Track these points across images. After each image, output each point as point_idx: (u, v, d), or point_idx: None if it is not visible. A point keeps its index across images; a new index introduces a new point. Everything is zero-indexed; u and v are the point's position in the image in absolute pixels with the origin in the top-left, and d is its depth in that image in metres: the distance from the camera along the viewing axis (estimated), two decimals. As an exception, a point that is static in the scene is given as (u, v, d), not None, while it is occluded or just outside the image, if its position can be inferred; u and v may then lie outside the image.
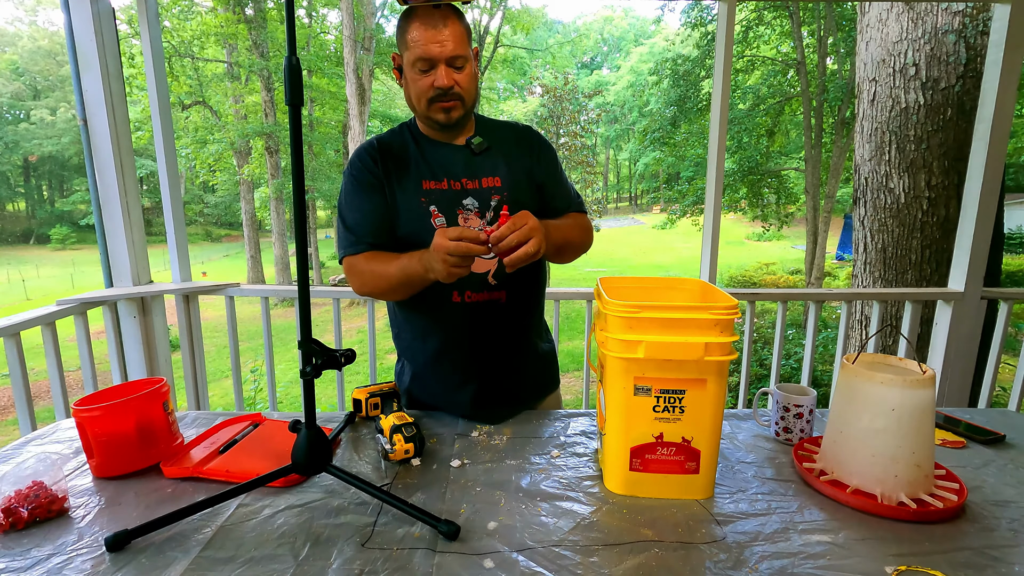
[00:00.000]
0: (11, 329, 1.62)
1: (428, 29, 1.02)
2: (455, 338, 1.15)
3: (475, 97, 1.12)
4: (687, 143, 12.86)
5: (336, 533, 0.77)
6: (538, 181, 1.18)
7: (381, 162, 1.12)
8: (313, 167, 15.39)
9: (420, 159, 1.13)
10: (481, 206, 1.11)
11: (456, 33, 1.03)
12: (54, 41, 28.18)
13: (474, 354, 1.16)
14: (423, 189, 1.11)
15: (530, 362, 1.25)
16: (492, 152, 1.15)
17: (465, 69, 1.06)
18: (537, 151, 1.20)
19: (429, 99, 1.06)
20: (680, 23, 12.19)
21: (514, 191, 1.13)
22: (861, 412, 0.85)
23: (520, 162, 1.17)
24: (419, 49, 1.02)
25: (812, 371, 2.25)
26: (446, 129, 1.12)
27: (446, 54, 1.03)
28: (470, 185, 1.12)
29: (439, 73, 1.03)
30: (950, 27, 2.60)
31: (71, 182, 30.11)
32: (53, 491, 0.82)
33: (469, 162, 1.14)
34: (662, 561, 0.71)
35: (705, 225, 2.18)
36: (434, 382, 1.20)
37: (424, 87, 1.05)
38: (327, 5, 15.71)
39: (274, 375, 2.27)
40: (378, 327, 2.26)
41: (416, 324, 1.19)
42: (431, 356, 1.18)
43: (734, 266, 14.72)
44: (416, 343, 1.20)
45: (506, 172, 1.14)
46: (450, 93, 1.05)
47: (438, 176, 1.12)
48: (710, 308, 0.81)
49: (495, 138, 1.17)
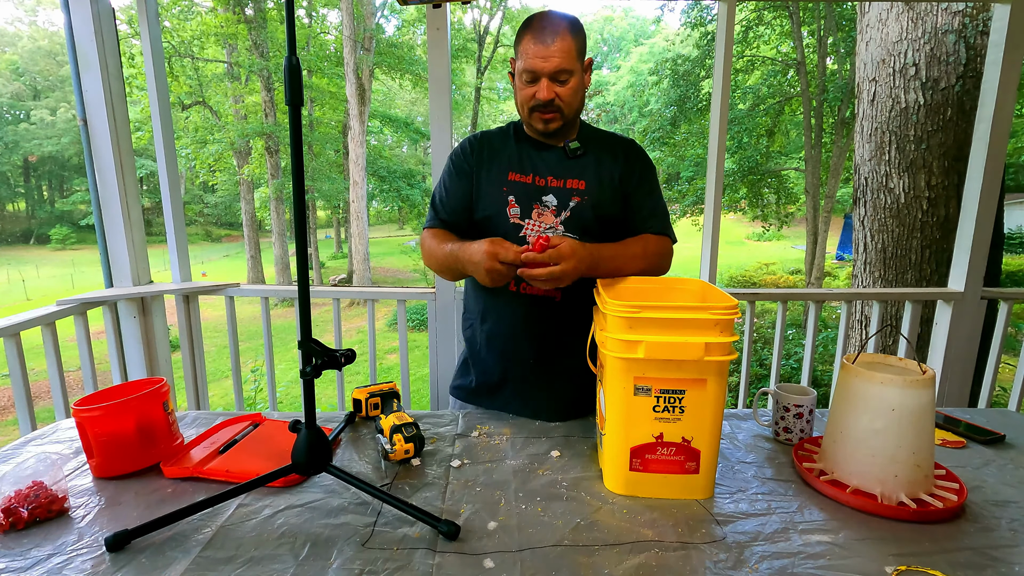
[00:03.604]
0: (11, 329, 1.62)
1: (537, 43, 1.06)
2: (508, 327, 1.19)
3: (578, 108, 1.15)
4: (687, 143, 12.85)
5: (336, 533, 0.77)
6: (626, 191, 1.18)
7: (477, 152, 1.20)
8: (313, 167, 15.38)
9: (515, 154, 1.18)
10: (559, 205, 1.14)
11: (564, 49, 1.06)
12: (54, 41, 28.16)
13: (524, 347, 1.18)
14: (507, 180, 1.15)
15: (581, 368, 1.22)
16: (586, 157, 1.18)
17: (569, 83, 1.09)
18: (632, 162, 1.20)
19: (530, 108, 1.11)
20: (680, 23, 12.18)
21: (596, 195, 1.14)
22: (861, 412, 0.85)
23: (611, 169, 1.17)
24: (527, 61, 1.07)
25: (812, 371, 2.25)
26: (546, 136, 1.17)
27: (549, 69, 1.06)
28: (554, 184, 1.15)
29: (541, 86, 1.08)
30: (950, 27, 2.60)
31: (71, 182, 30.10)
32: (53, 491, 0.82)
33: (561, 162, 1.17)
34: (662, 561, 0.71)
35: (705, 225, 2.18)
36: (484, 368, 1.25)
37: (527, 96, 1.10)
38: (327, 5, 15.71)
39: (274, 375, 2.27)
40: (378, 327, 2.26)
41: (478, 307, 1.25)
42: (484, 341, 1.23)
43: (734, 266, 14.73)
44: (476, 325, 1.26)
45: (593, 176, 1.16)
46: (550, 105, 1.09)
47: (525, 171, 1.16)
48: (710, 308, 0.81)
49: (594, 145, 1.19)
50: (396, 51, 14.41)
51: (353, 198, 13.19)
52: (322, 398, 6.10)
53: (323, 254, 23.12)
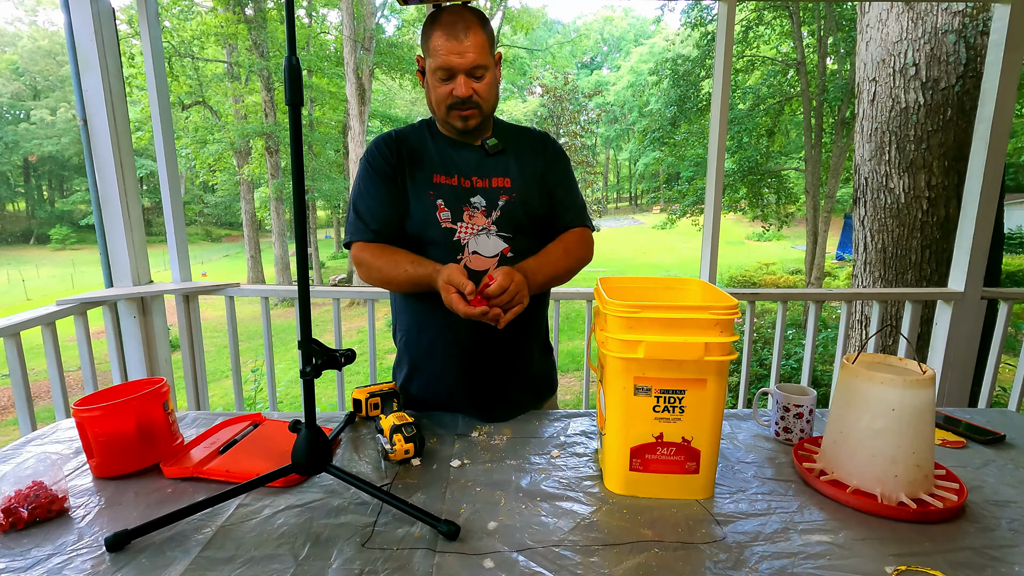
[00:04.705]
0: (11, 329, 1.62)
1: (450, 39, 1.03)
2: (450, 333, 1.15)
3: (494, 104, 1.14)
4: (687, 143, 12.85)
5: (336, 533, 0.77)
6: (548, 187, 1.19)
7: (397, 153, 1.15)
8: (313, 167, 15.38)
9: (435, 155, 1.16)
10: (488, 205, 1.13)
11: (477, 43, 1.04)
12: (54, 41, 28.16)
13: (467, 352, 1.16)
14: (433, 183, 1.13)
15: (524, 366, 1.24)
16: (506, 154, 1.17)
17: (485, 78, 1.08)
18: (551, 157, 1.21)
19: (448, 106, 1.09)
20: (680, 23, 12.18)
21: (523, 192, 1.15)
22: (861, 412, 0.85)
23: (532, 166, 1.18)
24: (440, 59, 1.04)
25: (812, 371, 2.25)
26: (463, 134, 1.15)
27: (466, 65, 1.05)
28: (480, 184, 1.14)
29: (458, 83, 1.06)
30: (950, 27, 2.60)
31: (71, 182, 30.11)
32: (53, 491, 0.82)
33: (482, 162, 1.16)
34: (662, 561, 0.71)
35: (705, 225, 2.18)
36: (428, 377, 1.21)
37: (443, 94, 1.08)
38: (327, 5, 15.70)
39: (274, 375, 2.27)
40: (378, 327, 2.26)
41: (414, 316, 1.20)
42: (425, 350, 1.19)
43: (734, 266, 14.72)
44: (412, 334, 1.21)
45: (517, 174, 1.16)
46: (468, 102, 1.07)
47: (449, 172, 1.14)
48: (710, 308, 0.81)
49: (511, 142, 1.19)
50: (396, 51, 14.41)
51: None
52: (322, 398, 6.10)
53: (323, 254, 23.12)
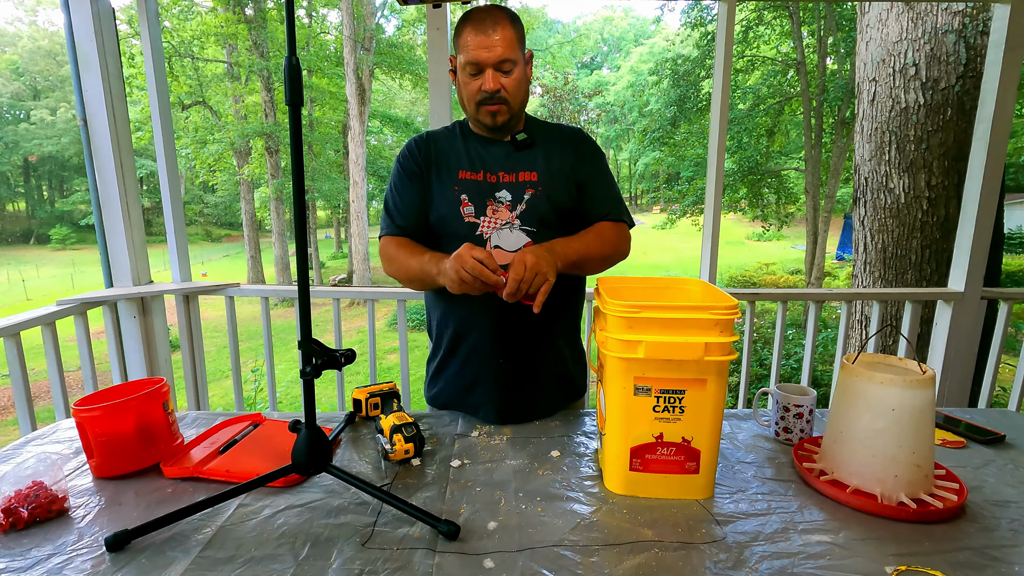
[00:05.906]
0: (11, 329, 1.62)
1: (478, 34, 1.06)
2: (478, 332, 1.15)
3: (523, 100, 1.14)
4: (687, 143, 12.85)
5: (336, 533, 0.77)
6: (579, 180, 1.18)
7: (426, 152, 1.18)
8: (313, 167, 15.39)
9: (463, 152, 1.17)
10: (514, 199, 1.13)
11: (506, 38, 1.06)
12: (54, 41, 28.16)
13: (494, 350, 1.15)
14: (458, 179, 1.14)
15: (552, 368, 1.21)
16: (535, 148, 1.17)
17: (513, 73, 1.09)
18: (583, 152, 1.20)
19: (477, 102, 1.10)
20: (680, 23, 12.20)
21: (549, 186, 1.14)
22: (861, 412, 0.85)
23: (561, 159, 1.17)
24: (469, 53, 1.06)
25: (812, 371, 2.25)
26: (493, 130, 1.15)
27: (494, 59, 1.06)
28: (506, 178, 1.14)
29: (486, 77, 1.07)
30: (950, 27, 2.60)
31: (71, 182, 30.09)
32: (53, 491, 0.82)
33: (509, 156, 1.16)
34: (662, 561, 0.71)
35: (705, 225, 2.18)
36: (452, 377, 1.21)
37: (473, 90, 1.10)
38: (327, 5, 15.71)
39: (274, 375, 2.27)
40: (378, 327, 2.26)
41: (441, 312, 1.21)
42: (449, 344, 1.20)
43: (734, 266, 14.73)
44: (440, 328, 1.22)
45: (544, 167, 1.15)
46: (496, 97, 1.09)
47: (475, 168, 1.15)
48: (710, 308, 0.81)
49: (542, 136, 1.19)
50: (396, 51, 14.41)
51: (353, 198, 13.20)
52: (322, 398, 6.10)
53: (323, 254, 23.12)
